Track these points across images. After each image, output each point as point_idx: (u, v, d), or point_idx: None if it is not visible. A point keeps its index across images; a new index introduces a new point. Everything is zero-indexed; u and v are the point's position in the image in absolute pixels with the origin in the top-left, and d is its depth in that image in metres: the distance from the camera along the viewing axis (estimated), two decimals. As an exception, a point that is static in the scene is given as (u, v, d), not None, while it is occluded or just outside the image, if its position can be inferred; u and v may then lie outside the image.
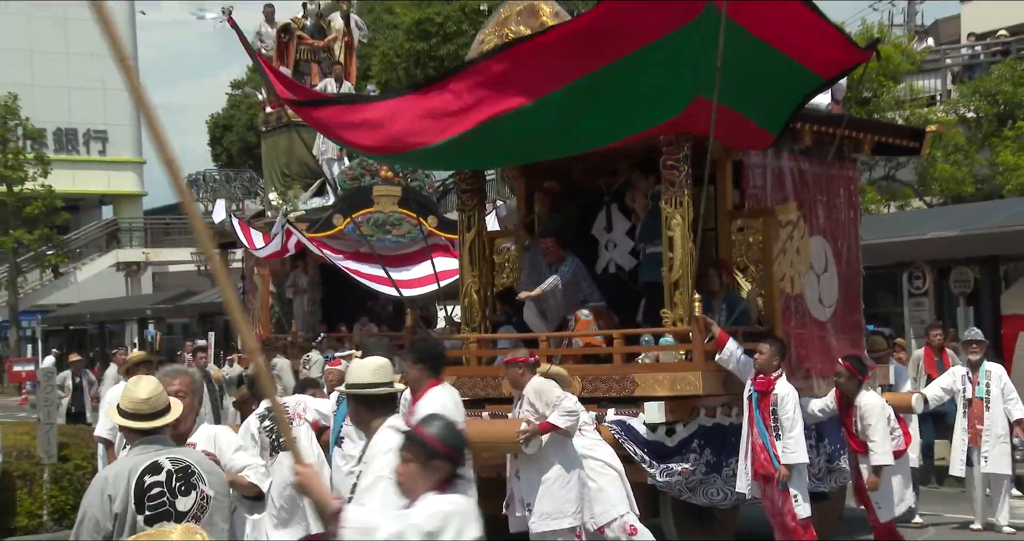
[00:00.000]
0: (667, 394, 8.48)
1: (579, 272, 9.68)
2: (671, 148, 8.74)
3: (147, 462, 4.20)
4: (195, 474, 4.26)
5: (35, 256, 37.58)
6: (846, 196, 10.39)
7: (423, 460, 3.69)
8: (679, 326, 8.62)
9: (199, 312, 32.67)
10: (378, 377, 4.70)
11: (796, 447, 8.08)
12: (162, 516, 4.19)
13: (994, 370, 10.11)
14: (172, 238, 41.48)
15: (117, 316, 37.04)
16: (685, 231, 8.68)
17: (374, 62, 32.05)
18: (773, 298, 9.19)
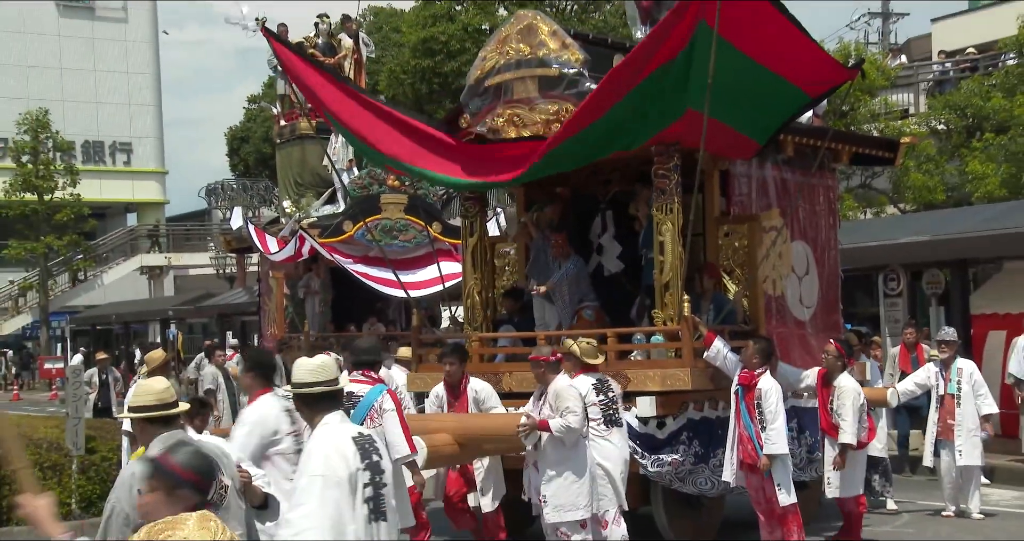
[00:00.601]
0: (658, 389, 8.49)
1: (582, 271, 9.74)
2: (662, 158, 8.77)
3: None
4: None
5: (64, 260, 37.58)
6: (825, 203, 10.42)
7: (168, 489, 3.38)
8: (669, 325, 8.65)
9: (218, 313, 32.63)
10: (317, 376, 4.44)
11: (777, 438, 8.09)
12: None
13: (965, 367, 10.09)
14: (192, 243, 41.48)
15: (141, 317, 37.02)
16: (675, 236, 8.71)
17: (381, 78, 32.06)
18: (757, 299, 9.23)
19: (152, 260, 40.66)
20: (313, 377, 4.44)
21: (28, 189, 34.86)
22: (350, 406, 6.76)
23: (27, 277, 37.51)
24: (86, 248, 37.82)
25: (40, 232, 34.99)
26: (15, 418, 14.75)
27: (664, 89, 7.97)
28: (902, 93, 23.21)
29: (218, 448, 4.38)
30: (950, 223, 15.30)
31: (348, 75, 19.04)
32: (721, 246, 9.43)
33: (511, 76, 9.07)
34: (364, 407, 6.79)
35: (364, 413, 6.77)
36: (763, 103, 8.32)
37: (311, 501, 4.00)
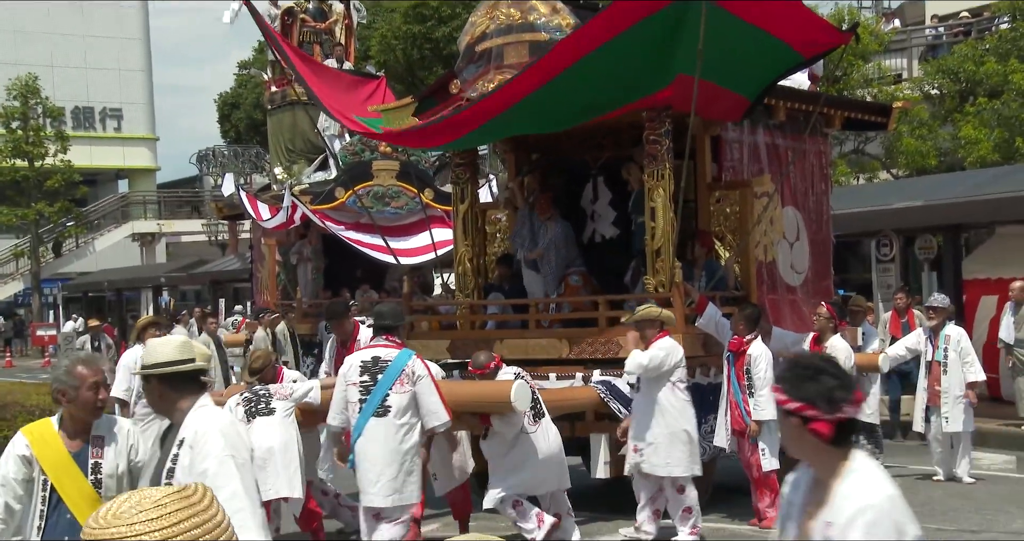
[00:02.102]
0: None
1: (569, 236, 9.66)
2: (653, 123, 8.68)
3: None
4: None
5: (55, 227, 37.43)
6: (817, 169, 10.33)
7: None
8: (661, 291, 8.59)
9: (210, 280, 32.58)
10: (183, 354, 3.84)
11: (766, 405, 8.04)
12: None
13: (953, 334, 10.05)
14: (184, 210, 41.33)
15: (133, 284, 36.95)
16: (666, 202, 8.64)
17: (373, 43, 31.79)
18: (749, 265, 9.18)
19: (144, 227, 40.54)
20: (182, 354, 3.84)
21: (18, 155, 34.69)
22: (377, 370, 6.64)
23: (18, 244, 37.36)
24: (77, 215, 37.67)
25: (31, 198, 34.83)
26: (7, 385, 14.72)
27: (648, 52, 7.84)
28: (895, 58, 23.07)
29: None
30: (943, 188, 15.26)
31: (339, 41, 18.87)
32: (712, 212, 9.36)
33: (501, 41, 8.97)
34: (394, 371, 6.63)
35: (394, 377, 6.62)
36: (755, 61, 8.23)
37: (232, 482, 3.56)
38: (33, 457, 4.18)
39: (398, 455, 6.59)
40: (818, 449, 2.78)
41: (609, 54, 7.79)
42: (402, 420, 6.61)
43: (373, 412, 6.61)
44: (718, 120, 9.11)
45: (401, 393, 6.62)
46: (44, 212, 35.08)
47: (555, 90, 8.04)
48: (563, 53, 7.85)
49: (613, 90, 8.26)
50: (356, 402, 6.68)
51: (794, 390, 2.77)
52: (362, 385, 6.66)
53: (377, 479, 6.59)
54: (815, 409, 2.73)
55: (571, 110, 8.49)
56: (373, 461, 6.61)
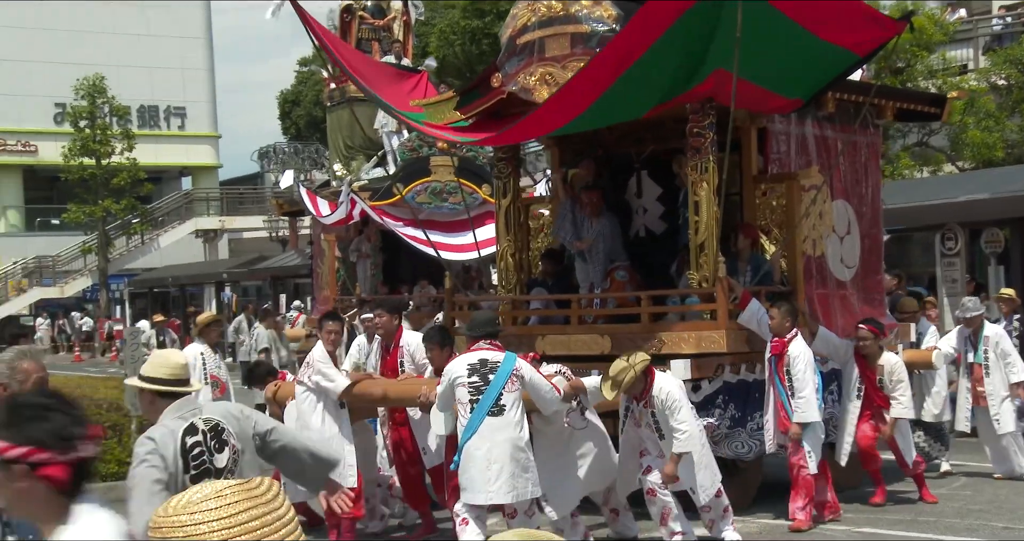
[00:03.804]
0: (692, 352, 8.35)
1: (616, 230, 9.63)
2: (697, 116, 8.59)
3: (186, 425, 4.14)
4: (225, 431, 4.20)
5: (122, 224, 38.18)
6: (868, 161, 10.13)
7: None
8: (704, 286, 8.51)
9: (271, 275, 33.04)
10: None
11: (806, 406, 7.97)
12: (204, 474, 4.15)
13: (992, 335, 9.89)
14: (246, 207, 41.95)
15: (196, 279, 37.59)
16: (710, 196, 8.54)
17: (431, 39, 31.99)
18: (796, 260, 9.05)
19: (207, 223, 41.08)
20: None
21: (86, 153, 35.44)
22: (487, 371, 6.78)
23: (86, 240, 38.23)
24: (143, 212, 38.37)
25: (98, 196, 35.61)
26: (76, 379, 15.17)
27: (686, 48, 7.76)
28: (961, 48, 22.64)
29: (229, 413, 4.33)
30: (1010, 180, 15.00)
31: (398, 37, 19.03)
32: (758, 205, 9.23)
33: (543, 34, 8.88)
34: (505, 372, 6.81)
35: (505, 378, 6.81)
36: (805, 64, 8.12)
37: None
38: None
39: (515, 451, 6.75)
40: (48, 500, 2.38)
41: (651, 57, 7.75)
42: (516, 418, 6.80)
43: (488, 411, 6.75)
44: (766, 113, 9.00)
45: (512, 392, 6.81)
46: (111, 209, 35.82)
47: (614, 90, 8.04)
48: (608, 60, 7.82)
49: (655, 89, 8.21)
50: (467, 402, 6.82)
51: (17, 433, 2.35)
52: (472, 386, 6.80)
53: (497, 476, 6.72)
54: (47, 451, 2.36)
55: (625, 106, 8.45)
56: (492, 460, 6.72)
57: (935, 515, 8.49)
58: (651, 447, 7.39)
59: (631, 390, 7.16)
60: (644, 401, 7.22)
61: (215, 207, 42.22)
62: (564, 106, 8.24)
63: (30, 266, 39.65)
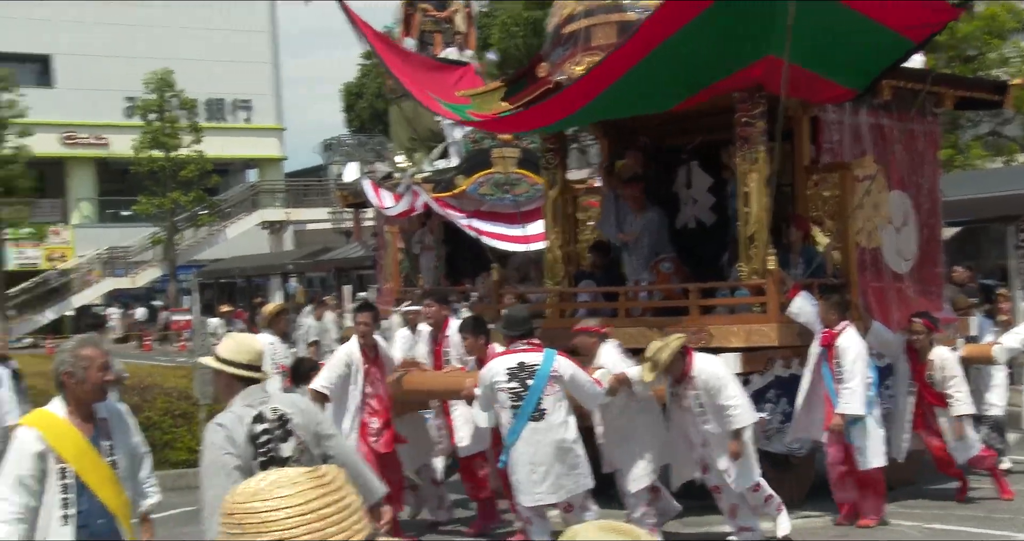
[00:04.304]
0: (742, 345, 8.21)
1: (662, 222, 9.53)
2: (746, 105, 8.42)
3: (254, 413, 4.21)
4: (290, 421, 4.26)
5: (190, 216, 38.80)
6: (926, 150, 9.89)
7: None
8: (755, 279, 8.37)
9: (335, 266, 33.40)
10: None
11: (851, 398, 7.76)
12: (271, 462, 4.21)
13: None
14: (311, 199, 42.44)
15: (262, 270, 38.12)
16: (760, 186, 8.39)
17: (493, 31, 32.02)
18: (849, 251, 8.85)
19: (272, 215, 41.55)
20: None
21: (155, 146, 36.12)
22: (526, 376, 6.74)
23: (155, 232, 39.00)
24: (210, 203, 38.98)
25: (167, 188, 36.29)
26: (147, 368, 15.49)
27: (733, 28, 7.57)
28: (1036, 35, 22.11)
29: (294, 404, 4.41)
30: (1086, 171, 14.63)
31: (460, 29, 19.11)
32: (810, 196, 9.04)
33: (589, 23, 8.77)
34: (543, 375, 6.76)
35: (545, 381, 6.75)
36: (860, 51, 7.92)
37: None
38: (49, 450, 4.12)
39: (560, 452, 6.74)
40: None
41: (694, 32, 7.56)
42: (560, 419, 6.76)
43: (529, 417, 6.73)
44: (819, 102, 8.81)
45: (553, 394, 6.76)
46: (179, 201, 36.46)
47: (643, 73, 7.84)
48: (649, 34, 7.65)
49: (700, 69, 8.03)
50: (508, 408, 6.80)
51: None
52: (512, 391, 6.77)
53: (544, 478, 6.73)
54: None
55: (660, 92, 8.28)
56: (537, 463, 6.73)
57: (1011, 512, 8.25)
58: (696, 436, 7.26)
59: (671, 370, 7.08)
60: (686, 382, 7.14)
61: (280, 199, 42.73)
62: (591, 86, 8.06)
63: (103, 257, 40.53)
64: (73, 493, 4.13)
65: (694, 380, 7.14)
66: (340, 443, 4.52)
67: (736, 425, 7.05)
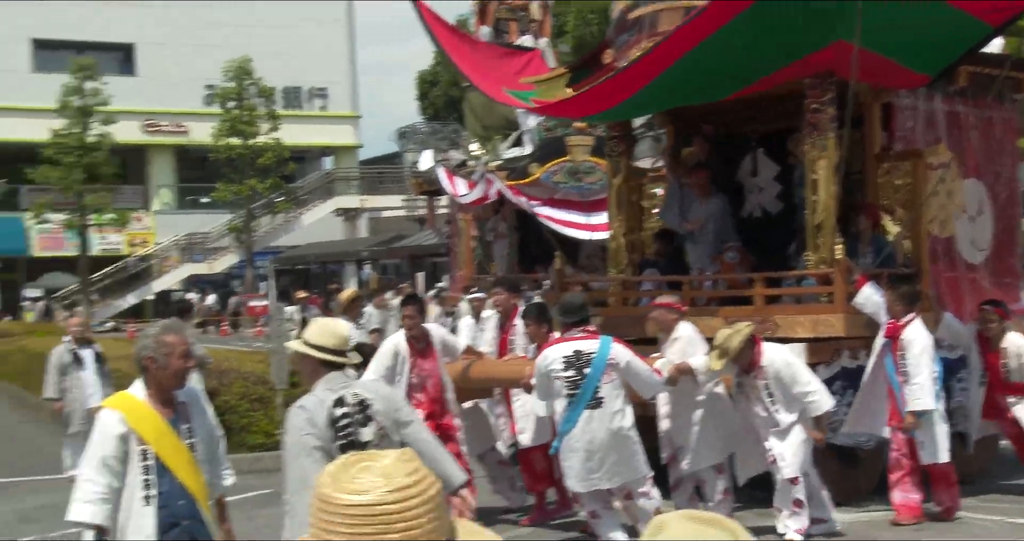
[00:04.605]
0: (808, 336, 8.08)
1: (725, 210, 9.45)
2: (815, 91, 8.27)
3: (335, 397, 4.31)
4: (370, 407, 4.34)
5: (267, 203, 39.41)
6: (1004, 138, 9.64)
7: None
8: (822, 268, 8.25)
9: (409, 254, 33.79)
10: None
11: (920, 393, 7.56)
12: (350, 446, 4.28)
13: None
14: (385, 186, 42.86)
15: (337, 257, 38.72)
16: (829, 174, 8.25)
17: (569, 19, 32.03)
18: (921, 241, 8.68)
19: (347, 202, 42.00)
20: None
21: (234, 134, 36.75)
22: (582, 364, 6.71)
23: (233, 218, 39.73)
24: (287, 191, 39.54)
25: (245, 175, 36.95)
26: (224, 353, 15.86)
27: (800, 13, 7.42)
28: None
29: (376, 390, 4.50)
30: None
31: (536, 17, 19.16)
32: (881, 184, 8.86)
33: (654, 8, 8.70)
34: (600, 363, 6.72)
35: (601, 369, 6.72)
36: (936, 36, 7.75)
37: None
38: (130, 432, 4.22)
39: (617, 440, 6.72)
40: None
41: (759, 16, 7.44)
42: (616, 407, 6.74)
43: (586, 405, 6.71)
44: (892, 88, 8.64)
45: (610, 382, 6.73)
46: (256, 188, 37.05)
47: (704, 57, 7.73)
48: (710, 17, 7.51)
49: (766, 54, 7.89)
50: (564, 396, 6.77)
51: None
52: (568, 380, 6.74)
53: (600, 465, 6.73)
54: None
55: (724, 78, 8.15)
56: (593, 451, 6.72)
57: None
58: (763, 428, 7.17)
59: (739, 359, 7.02)
60: (754, 373, 7.07)
61: (355, 186, 43.18)
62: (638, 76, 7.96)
63: (182, 243, 41.35)
64: (154, 474, 4.22)
65: (764, 370, 7.07)
66: (418, 430, 4.56)
67: (818, 411, 6.99)
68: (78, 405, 10.25)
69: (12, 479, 10.81)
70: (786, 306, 8.51)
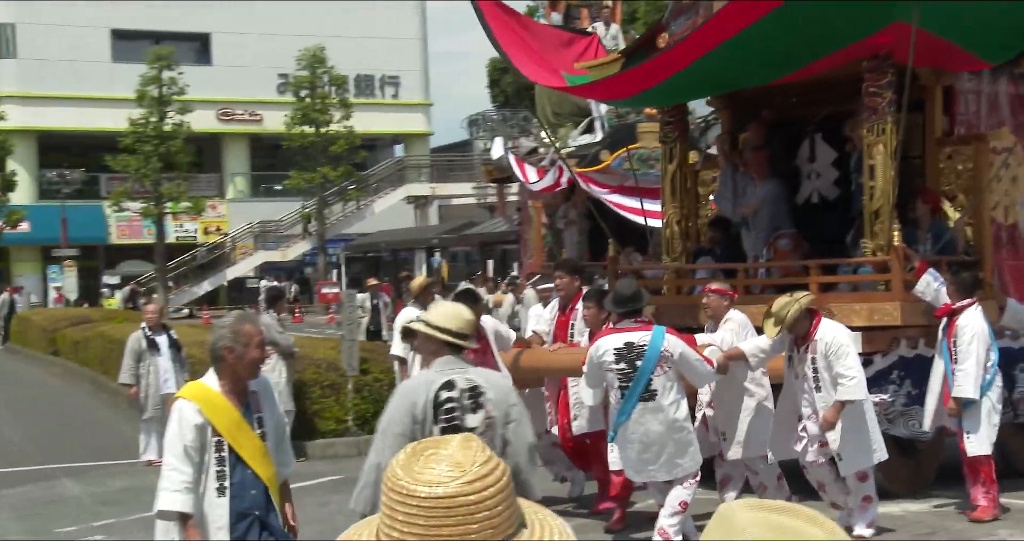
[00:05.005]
0: (864, 324, 7.91)
1: (780, 195, 9.27)
2: (873, 75, 8.07)
3: (444, 379, 4.32)
4: (483, 394, 4.34)
5: (338, 190, 39.93)
6: None
7: None
8: (879, 255, 8.08)
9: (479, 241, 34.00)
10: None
11: (963, 380, 7.41)
12: (453, 429, 4.25)
13: None
14: (456, 174, 43.14)
15: (407, 245, 39.06)
16: (887, 159, 8.05)
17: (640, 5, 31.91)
18: (983, 227, 8.47)
19: (418, 190, 42.29)
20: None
21: (306, 122, 37.31)
22: (635, 357, 6.61)
23: (305, 206, 40.33)
24: (358, 178, 39.95)
25: (317, 163, 37.48)
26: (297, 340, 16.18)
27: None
28: None
29: (490, 379, 4.53)
30: None
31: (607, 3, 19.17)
32: (942, 169, 8.66)
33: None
34: (653, 355, 6.61)
35: (654, 362, 6.61)
36: (1000, 16, 7.52)
37: None
38: (206, 422, 4.28)
39: (672, 431, 6.66)
40: None
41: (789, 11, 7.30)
42: (670, 399, 6.66)
43: (639, 398, 6.63)
44: (954, 71, 8.46)
45: (664, 374, 6.63)
46: (328, 176, 37.52)
47: (758, 37, 7.58)
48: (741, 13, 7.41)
49: (822, 35, 7.74)
50: (617, 388, 6.71)
51: None
52: (620, 372, 6.66)
53: (657, 458, 6.68)
54: None
55: (779, 59, 8.01)
56: (649, 443, 6.68)
57: None
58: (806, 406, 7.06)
59: (795, 328, 6.90)
60: (806, 345, 6.94)
61: (426, 174, 43.44)
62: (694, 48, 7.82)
63: (255, 230, 42.15)
64: (228, 466, 4.29)
65: (816, 344, 6.93)
66: (524, 432, 4.47)
67: (845, 396, 6.82)
68: (153, 390, 10.47)
69: (91, 463, 11.06)
70: (842, 294, 8.36)
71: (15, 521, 8.50)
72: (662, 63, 8.09)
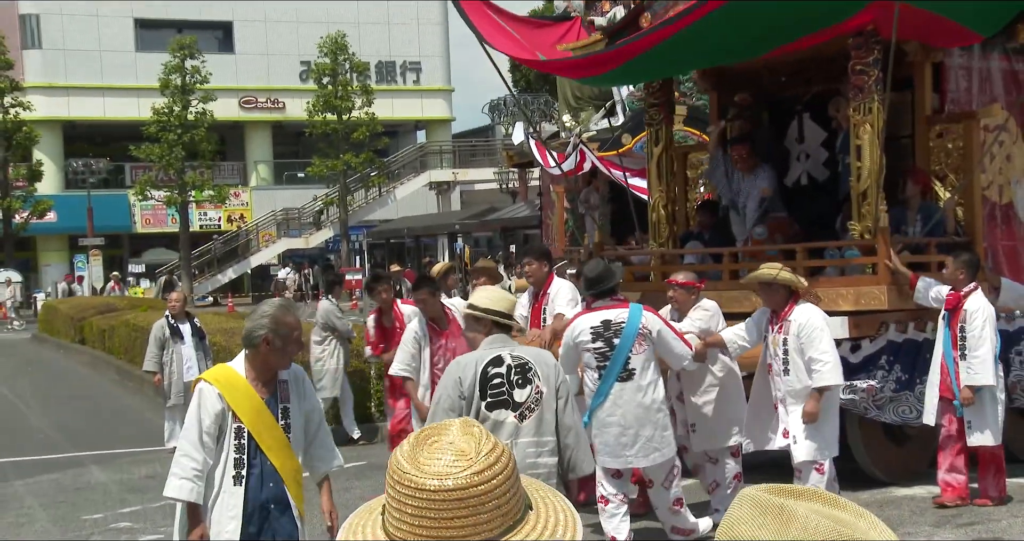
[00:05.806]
0: (851, 309, 7.72)
1: (773, 183, 9.02)
2: (860, 52, 7.81)
3: (492, 355, 4.57)
4: (532, 370, 4.57)
5: (361, 177, 40.20)
6: None
7: None
8: (866, 238, 7.82)
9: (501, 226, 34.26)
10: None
11: (980, 368, 7.16)
12: (500, 404, 4.55)
13: None
14: (477, 159, 43.42)
15: (430, 230, 39.30)
16: (874, 139, 7.78)
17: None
18: (974, 207, 8.22)
19: (440, 176, 42.35)
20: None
21: (328, 109, 37.57)
22: (612, 335, 6.46)
23: (328, 193, 40.74)
24: (380, 165, 40.21)
25: (339, 150, 37.85)
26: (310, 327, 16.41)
27: None
28: None
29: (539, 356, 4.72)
30: None
31: (624, -9, 19.42)
32: (932, 149, 8.39)
33: None
34: (631, 333, 6.45)
35: (632, 339, 6.45)
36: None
37: None
38: (227, 408, 4.16)
39: (651, 413, 6.48)
40: None
41: None
42: (648, 379, 6.49)
43: (617, 377, 6.47)
44: (943, 46, 8.21)
45: (641, 353, 6.46)
46: (351, 163, 37.73)
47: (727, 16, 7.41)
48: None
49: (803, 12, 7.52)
50: (594, 368, 6.53)
51: None
52: (598, 352, 6.49)
53: (634, 442, 6.48)
54: None
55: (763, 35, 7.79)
56: (626, 426, 6.49)
57: None
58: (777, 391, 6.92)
59: (773, 297, 6.77)
60: (780, 325, 6.78)
61: (448, 160, 43.49)
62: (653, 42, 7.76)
63: (278, 218, 42.59)
64: (246, 454, 4.18)
65: (789, 325, 6.77)
66: (570, 412, 4.69)
67: (821, 382, 6.64)
68: (176, 378, 10.54)
69: (118, 450, 11.13)
70: (829, 278, 8.12)
71: (43, 508, 8.55)
72: (644, 43, 7.98)
